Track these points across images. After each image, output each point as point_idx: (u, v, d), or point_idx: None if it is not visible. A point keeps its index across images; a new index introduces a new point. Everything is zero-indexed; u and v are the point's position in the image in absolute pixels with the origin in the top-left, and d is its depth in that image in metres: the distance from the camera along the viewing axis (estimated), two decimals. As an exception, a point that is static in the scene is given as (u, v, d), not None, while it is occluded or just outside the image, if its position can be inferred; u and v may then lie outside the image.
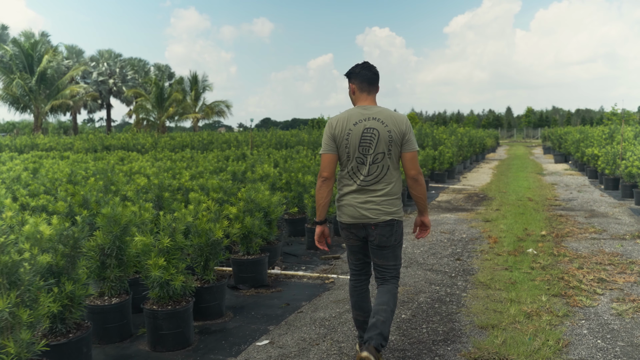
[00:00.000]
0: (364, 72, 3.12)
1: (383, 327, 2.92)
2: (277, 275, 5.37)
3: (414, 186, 3.09)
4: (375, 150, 3.00)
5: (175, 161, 11.69)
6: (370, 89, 3.13)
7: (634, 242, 6.51)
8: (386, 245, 3.06)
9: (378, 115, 3.04)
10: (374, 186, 3.02)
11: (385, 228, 3.03)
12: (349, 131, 3.01)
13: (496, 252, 6.04)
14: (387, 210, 3.03)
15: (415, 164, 3.05)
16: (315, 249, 6.50)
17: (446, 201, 10.74)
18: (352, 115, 3.06)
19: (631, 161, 10.20)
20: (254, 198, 5.04)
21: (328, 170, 3.07)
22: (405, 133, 3.03)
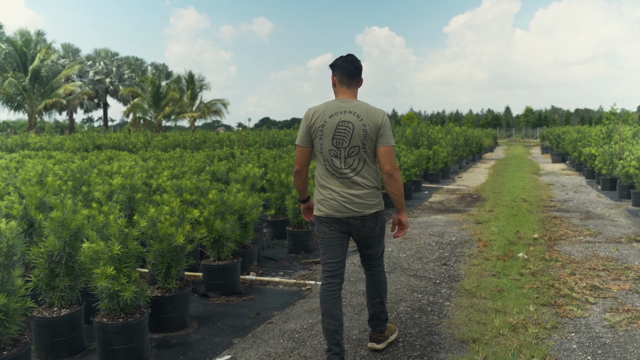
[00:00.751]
0: (345, 65, 3.09)
1: (382, 315, 3.34)
2: (252, 282, 5.07)
3: (389, 182, 3.06)
4: (350, 143, 2.98)
5: (162, 160, 11.40)
6: (350, 82, 3.10)
7: (630, 245, 6.22)
8: (372, 236, 3.13)
9: (354, 109, 3.01)
10: (355, 179, 3.01)
11: (371, 221, 3.06)
12: (324, 123, 3.00)
13: (485, 256, 5.75)
14: (371, 203, 3.05)
15: (390, 158, 3.01)
16: (297, 253, 6.21)
17: (439, 202, 10.45)
18: (329, 107, 3.04)
19: (628, 161, 9.91)
20: (226, 200, 4.73)
21: (300, 162, 3.12)
22: (381, 127, 3.01)
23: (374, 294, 3.29)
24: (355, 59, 3.14)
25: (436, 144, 16.67)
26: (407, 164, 10.98)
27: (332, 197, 3.04)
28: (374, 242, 3.18)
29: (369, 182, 3.05)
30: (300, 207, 3.41)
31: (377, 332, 3.39)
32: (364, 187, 3.03)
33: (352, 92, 3.11)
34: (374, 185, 3.08)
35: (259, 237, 5.88)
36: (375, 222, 3.09)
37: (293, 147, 14.12)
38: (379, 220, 3.12)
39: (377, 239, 3.18)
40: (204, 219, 4.66)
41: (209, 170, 7.07)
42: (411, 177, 10.99)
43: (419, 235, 7.11)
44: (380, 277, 3.30)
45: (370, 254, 3.25)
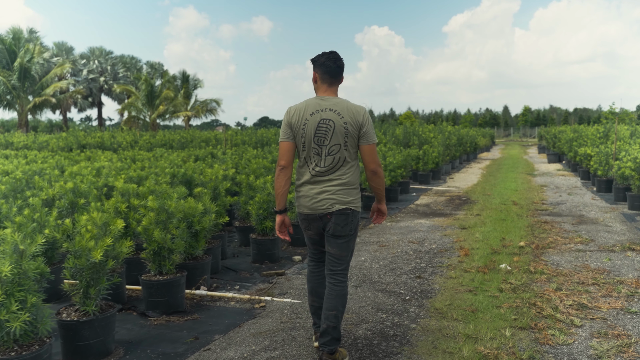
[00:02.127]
0: (327, 63, 3.05)
1: (334, 332, 3.03)
2: (201, 297, 4.55)
3: (373, 178, 3.09)
4: (331, 141, 2.96)
5: (137, 161, 10.88)
6: (331, 80, 3.07)
7: (624, 255, 5.70)
8: (341, 235, 3.04)
9: (335, 107, 2.99)
10: (329, 176, 3.01)
11: (340, 217, 3.01)
12: (305, 121, 2.98)
13: (464, 267, 5.23)
14: (343, 199, 3.01)
15: (374, 157, 3.03)
16: (261, 263, 5.69)
17: (425, 204, 9.93)
18: (310, 105, 3.02)
19: (624, 162, 9.39)
20: (167, 207, 4.21)
21: (285, 158, 3.04)
22: (363, 125, 2.98)
23: (330, 305, 3.06)
24: (339, 57, 3.09)
25: (428, 143, 16.15)
26: (393, 164, 10.46)
27: (308, 195, 3.04)
28: (341, 242, 3.07)
29: (346, 179, 3.02)
30: (276, 220, 3.18)
31: (327, 353, 3.05)
32: (340, 184, 3.01)
33: (333, 89, 3.08)
34: (350, 182, 3.04)
35: (217, 246, 5.36)
36: (345, 219, 3.02)
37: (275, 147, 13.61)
38: (350, 220, 3.04)
39: (344, 240, 3.07)
40: (142, 229, 4.14)
41: (170, 172, 6.54)
42: (397, 179, 10.47)
43: (397, 242, 6.59)
44: (341, 288, 3.10)
45: (335, 255, 3.09)
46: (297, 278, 5.11)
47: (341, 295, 3.08)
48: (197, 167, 8.06)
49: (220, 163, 9.30)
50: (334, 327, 3.02)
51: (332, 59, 3.05)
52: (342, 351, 3.21)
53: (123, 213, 4.80)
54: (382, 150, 11.59)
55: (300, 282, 4.98)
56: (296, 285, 4.88)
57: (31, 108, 34.59)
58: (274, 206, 5.72)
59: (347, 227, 3.04)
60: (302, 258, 5.88)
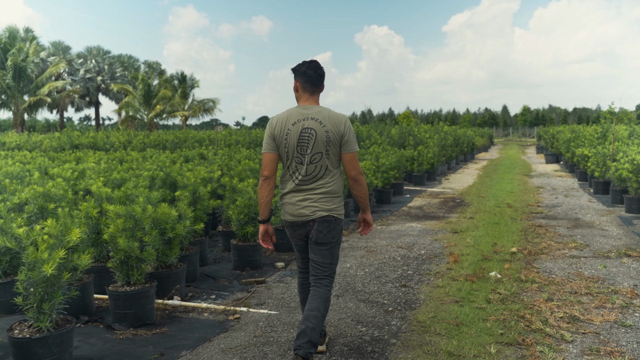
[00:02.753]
0: (308, 72, 3.06)
1: (312, 334, 2.90)
2: (174, 308, 4.32)
3: (355, 186, 3.08)
4: (313, 150, 2.98)
5: (125, 162, 10.66)
6: (313, 89, 3.08)
7: (620, 261, 5.48)
8: (323, 242, 3.05)
9: (317, 116, 3.01)
10: (312, 185, 3.02)
11: (323, 224, 3.02)
12: (288, 131, 3.00)
13: (452, 275, 5.00)
14: (325, 207, 3.03)
15: (354, 164, 3.04)
16: (242, 270, 5.47)
17: (418, 207, 9.70)
18: (292, 115, 3.04)
19: (622, 163, 9.17)
20: (135, 213, 3.98)
21: (268, 169, 3.07)
22: (344, 134, 3.00)
23: (312, 305, 3.01)
24: (319, 66, 3.10)
25: (424, 144, 15.93)
26: (386, 165, 10.24)
27: (292, 202, 3.06)
28: (325, 251, 3.07)
29: (328, 188, 3.04)
30: (259, 229, 3.21)
31: (300, 357, 2.82)
32: (322, 193, 3.03)
33: (314, 98, 3.10)
34: (332, 190, 3.05)
35: (194, 252, 5.14)
36: (327, 226, 3.03)
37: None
38: (332, 228, 3.05)
39: (328, 249, 3.07)
40: (108, 237, 3.91)
41: (148, 174, 6.31)
42: (390, 180, 10.25)
43: (386, 247, 6.37)
44: (324, 291, 3.09)
45: (317, 262, 3.09)
46: (278, 286, 4.89)
47: (325, 298, 3.06)
48: (182, 169, 7.85)
49: (208, 164, 9.08)
50: (312, 328, 2.91)
51: (312, 68, 3.07)
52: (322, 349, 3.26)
53: (94, 219, 4.58)
54: (375, 152, 11.37)
55: (281, 291, 4.75)
56: (276, 294, 4.65)
57: (26, 108, 34.35)
58: (256, 211, 5.52)
59: (330, 234, 3.05)
60: (285, 265, 5.66)
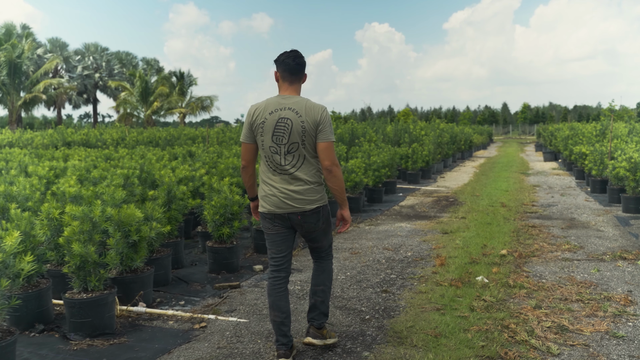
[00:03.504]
0: (287, 61, 3.07)
1: (322, 306, 3.24)
2: (138, 315, 4.06)
3: (329, 177, 3.06)
4: (289, 140, 2.98)
5: (112, 159, 10.40)
6: (292, 78, 3.09)
7: (614, 264, 5.22)
8: (315, 230, 3.14)
9: (294, 106, 3.01)
10: (296, 175, 3.02)
11: (312, 216, 3.08)
12: (264, 120, 3.01)
13: (437, 280, 4.74)
14: (311, 198, 3.05)
15: (329, 154, 3.01)
16: (217, 273, 5.21)
17: (410, 206, 9.44)
18: (270, 104, 3.05)
19: (619, 161, 8.89)
20: (93, 215, 3.71)
21: (246, 158, 3.16)
22: (319, 123, 2.99)
23: (317, 280, 3.27)
24: (299, 55, 3.10)
25: (419, 141, 15.66)
26: (377, 163, 9.98)
27: (272, 193, 3.05)
28: (318, 236, 3.19)
29: (310, 178, 3.05)
30: (251, 206, 3.41)
31: (315, 327, 3.28)
32: (305, 183, 3.03)
33: (294, 88, 3.10)
34: (314, 180, 3.07)
35: (166, 255, 4.88)
36: (317, 217, 3.09)
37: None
38: (321, 215, 3.12)
39: (321, 232, 3.18)
40: (64, 240, 3.65)
41: (123, 173, 6.04)
42: (381, 179, 9.99)
43: (371, 249, 6.11)
44: (326, 265, 3.31)
45: (316, 247, 3.27)
46: (253, 291, 4.63)
47: (327, 271, 3.29)
48: (166, 168, 7.58)
49: (193, 162, 8.81)
50: (321, 301, 3.23)
51: (291, 57, 3.07)
52: (332, 333, 3.38)
53: (56, 220, 4.32)
54: (367, 149, 11.09)
55: (255, 296, 4.50)
56: (249, 300, 4.39)
57: (22, 104, 34.09)
58: (232, 212, 5.27)
59: (320, 221, 3.13)
60: (263, 267, 5.40)
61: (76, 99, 51.77)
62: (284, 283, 3.17)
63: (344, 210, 3.20)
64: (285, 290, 3.16)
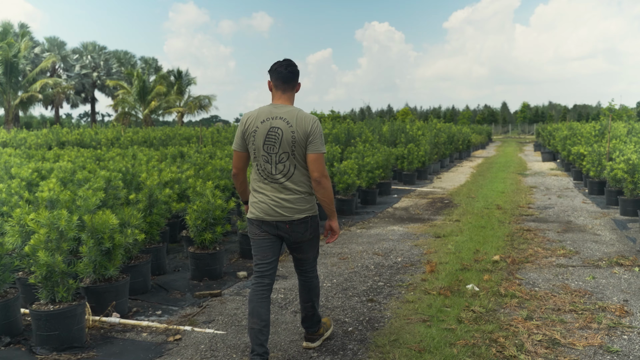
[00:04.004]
0: (279, 70, 3.09)
1: (314, 318, 3.37)
2: (111, 327, 3.89)
3: (317, 189, 3.06)
4: (280, 149, 3.00)
5: (102, 160, 10.22)
6: (285, 87, 3.10)
7: (610, 271, 5.04)
8: (303, 240, 3.13)
9: (285, 115, 3.02)
10: (286, 185, 3.03)
11: (300, 225, 3.08)
12: (256, 129, 3.03)
13: (426, 288, 4.56)
14: (301, 208, 3.06)
15: (318, 166, 3.01)
16: (200, 280, 5.04)
17: (404, 208, 9.26)
18: (262, 113, 3.06)
19: (617, 162, 8.72)
20: (59, 224, 3.53)
21: (237, 166, 3.19)
22: (310, 134, 3.00)
23: (305, 298, 3.32)
24: (291, 63, 3.12)
25: (416, 141, 15.48)
26: (371, 165, 9.80)
27: (262, 201, 3.06)
28: (304, 247, 3.18)
29: (300, 188, 3.05)
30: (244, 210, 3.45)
31: (310, 333, 3.43)
32: (295, 192, 3.04)
33: (287, 97, 3.11)
34: (305, 190, 3.07)
35: (146, 262, 4.70)
36: (305, 227, 3.09)
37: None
38: (310, 226, 3.12)
39: (308, 244, 3.17)
40: (29, 249, 3.48)
41: (105, 175, 5.85)
42: (375, 180, 9.81)
43: (361, 254, 5.93)
44: (312, 282, 3.32)
45: (301, 259, 3.25)
46: (234, 300, 4.45)
47: (313, 288, 3.31)
48: (154, 169, 7.41)
49: (181, 163, 8.64)
50: (312, 314, 3.35)
51: (283, 65, 3.09)
52: (326, 322, 3.59)
53: (27, 227, 4.14)
54: (361, 150, 10.91)
55: (236, 305, 4.32)
56: (229, 309, 4.22)
57: (18, 104, 33.92)
58: (214, 217, 5.09)
59: (308, 232, 3.12)
60: (248, 274, 5.22)
61: (74, 98, 51.61)
62: (267, 290, 3.11)
63: (333, 221, 3.23)
64: (267, 298, 3.10)
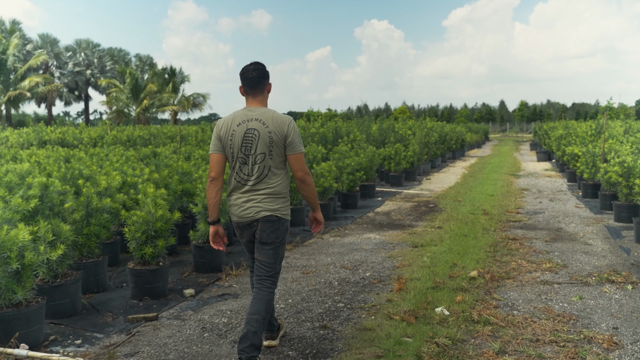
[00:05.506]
0: (245, 75, 3.12)
1: (254, 337, 2.98)
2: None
3: (302, 186, 3.12)
4: (256, 150, 3.03)
5: (68, 162, 9.68)
6: (253, 92, 3.13)
7: (600, 290, 4.50)
8: (267, 242, 3.10)
9: (260, 117, 3.06)
10: (256, 185, 3.06)
11: (266, 224, 3.06)
12: (233, 132, 3.06)
13: (389, 312, 4.01)
14: (268, 207, 3.06)
15: (300, 165, 3.06)
16: (140, 299, 4.49)
17: (386, 213, 8.71)
18: (237, 116, 3.10)
19: (612, 165, 8.17)
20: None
21: (215, 170, 3.12)
22: (288, 135, 3.04)
23: (253, 309, 3.07)
24: (257, 67, 3.12)
25: (405, 141, 14.94)
26: (352, 166, 9.26)
27: (238, 204, 3.10)
28: (268, 251, 3.12)
29: (273, 188, 3.07)
30: (210, 231, 3.24)
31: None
32: (264, 192, 3.06)
33: (258, 100, 3.14)
34: (277, 191, 3.09)
35: (75, 279, 4.16)
36: (272, 226, 3.07)
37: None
38: (276, 227, 3.09)
39: (271, 247, 3.11)
40: None
41: (41, 182, 5.30)
42: (356, 183, 9.26)
43: (327, 267, 5.39)
44: (266, 294, 3.12)
45: (262, 261, 3.14)
46: (170, 326, 3.90)
47: (266, 301, 3.11)
48: (112, 172, 6.86)
49: (144, 166, 8.08)
50: (254, 332, 2.99)
51: (249, 70, 3.11)
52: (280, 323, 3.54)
53: None
54: (342, 150, 10.34)
55: (170, 332, 3.77)
56: (160, 338, 3.67)
57: (6, 102, 33.34)
58: (156, 229, 4.54)
59: (274, 234, 3.08)
60: (196, 292, 4.67)
61: (67, 96, 51.05)
62: None
63: (317, 212, 3.27)
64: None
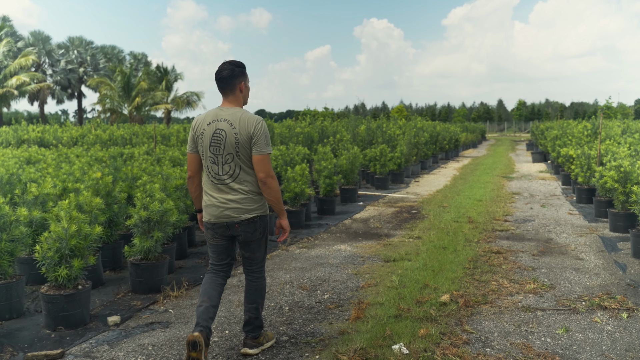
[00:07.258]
0: (216, 76, 3.14)
1: (256, 321, 3.32)
2: None
3: (264, 189, 3.10)
4: (225, 151, 3.06)
5: (30, 163, 9.04)
6: (224, 91, 3.16)
7: (590, 319, 3.86)
8: (252, 240, 3.19)
9: (229, 117, 3.07)
10: (232, 185, 3.08)
11: (249, 225, 3.13)
12: (203, 131, 3.10)
13: (337, 350, 3.36)
14: (249, 208, 3.10)
15: (263, 166, 3.05)
16: (54, 329, 3.85)
17: (364, 220, 8.07)
18: (208, 115, 3.13)
19: (607, 169, 7.52)
20: None
21: (191, 169, 3.23)
22: (253, 136, 3.04)
23: (250, 299, 3.29)
24: (226, 67, 3.11)
25: (393, 141, 14.29)
26: (328, 169, 8.62)
27: (212, 203, 3.12)
28: (253, 246, 3.22)
29: (246, 187, 3.09)
30: (197, 217, 3.40)
31: (250, 338, 3.33)
32: (241, 192, 3.09)
33: (230, 99, 3.15)
34: (250, 190, 3.11)
35: None
36: (254, 226, 3.14)
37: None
38: (259, 225, 3.16)
39: (256, 243, 3.21)
40: None
41: None
42: (333, 187, 8.62)
43: (283, 287, 4.74)
44: (259, 283, 3.31)
45: (250, 257, 3.27)
46: (75, 366, 3.25)
47: (259, 289, 3.30)
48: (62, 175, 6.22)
49: (101, 167, 7.42)
50: (255, 317, 3.28)
51: (219, 70, 3.12)
52: (269, 334, 3.46)
53: None
54: (321, 152, 9.68)
55: (71, 375, 3.12)
56: (55, 385, 3.02)
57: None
58: (72, 247, 3.89)
59: (257, 232, 3.16)
60: (122, 319, 4.02)
61: (59, 94, 50.39)
62: (222, 280, 3.27)
63: (283, 219, 3.27)
64: (221, 284, 3.24)
